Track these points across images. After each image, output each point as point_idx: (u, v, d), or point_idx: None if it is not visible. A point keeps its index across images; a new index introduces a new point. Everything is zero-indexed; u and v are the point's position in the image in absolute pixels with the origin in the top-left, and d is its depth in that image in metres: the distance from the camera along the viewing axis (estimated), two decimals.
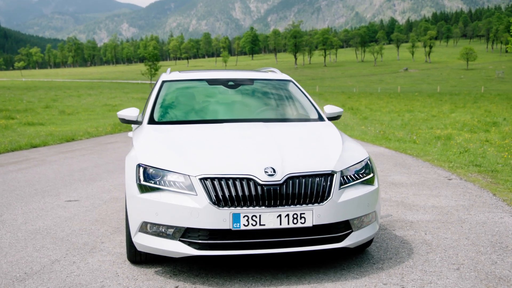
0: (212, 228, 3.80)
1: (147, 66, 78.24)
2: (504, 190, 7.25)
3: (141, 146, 4.45)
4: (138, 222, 4.05)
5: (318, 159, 4.10)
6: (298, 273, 4.15)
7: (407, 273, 4.11)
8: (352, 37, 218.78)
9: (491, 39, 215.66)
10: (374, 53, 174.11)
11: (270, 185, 3.83)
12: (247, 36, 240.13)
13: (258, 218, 3.79)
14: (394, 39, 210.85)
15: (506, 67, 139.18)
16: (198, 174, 3.88)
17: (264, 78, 5.83)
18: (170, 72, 5.86)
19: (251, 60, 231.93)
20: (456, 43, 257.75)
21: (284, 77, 5.91)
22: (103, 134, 17.07)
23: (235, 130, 4.69)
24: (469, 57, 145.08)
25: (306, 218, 3.84)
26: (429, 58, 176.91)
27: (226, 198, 3.80)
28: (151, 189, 4.01)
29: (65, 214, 6.28)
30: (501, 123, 19.38)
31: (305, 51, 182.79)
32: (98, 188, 7.86)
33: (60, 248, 4.95)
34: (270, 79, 5.84)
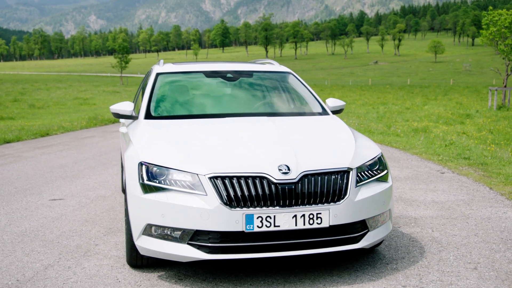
0: (223, 230, 3.56)
1: (117, 58, 76.92)
2: (499, 184, 7.18)
3: (141, 143, 4.16)
4: (142, 224, 3.78)
5: (333, 156, 3.89)
6: (311, 276, 3.95)
7: (424, 273, 3.94)
8: (323, 30, 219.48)
9: (458, 33, 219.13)
10: (345, 46, 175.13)
11: (284, 183, 3.60)
12: (217, 28, 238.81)
13: (273, 219, 3.57)
14: (363, 32, 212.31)
15: (472, 60, 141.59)
16: (208, 172, 3.63)
17: (263, 70, 5.59)
18: (164, 64, 5.57)
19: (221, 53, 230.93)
20: (424, 36, 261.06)
21: (283, 69, 5.68)
22: (79, 128, 16.59)
23: (240, 125, 4.44)
24: (437, 50, 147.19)
25: (323, 218, 3.63)
26: (398, 51, 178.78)
27: (238, 198, 3.56)
28: (156, 189, 3.74)
29: (52, 214, 5.95)
30: (474, 115, 19.54)
31: (276, 43, 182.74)
32: (82, 185, 7.53)
33: (51, 252, 4.64)
34: (269, 71, 5.60)
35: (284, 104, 5.28)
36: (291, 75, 5.58)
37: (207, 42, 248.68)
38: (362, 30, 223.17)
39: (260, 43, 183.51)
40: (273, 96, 5.37)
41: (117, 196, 6.84)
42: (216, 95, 5.26)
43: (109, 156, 10.45)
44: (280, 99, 5.34)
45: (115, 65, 75.93)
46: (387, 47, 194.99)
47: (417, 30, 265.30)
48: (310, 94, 5.32)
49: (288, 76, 5.58)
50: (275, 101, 5.31)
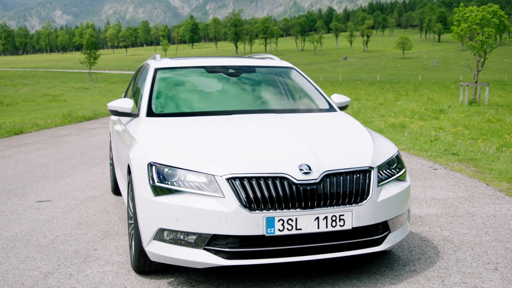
0: (243, 234, 3.37)
1: (86, 54, 75.57)
2: (494, 180, 7.15)
3: (147, 142, 3.93)
4: (153, 229, 3.56)
5: (353, 154, 3.74)
6: (329, 280, 3.79)
7: (445, 275, 3.82)
8: (292, 26, 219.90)
9: (425, 29, 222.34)
10: (314, 42, 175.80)
11: (306, 184, 3.43)
12: (186, 24, 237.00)
13: (294, 222, 3.39)
14: (332, 28, 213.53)
15: (439, 56, 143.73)
16: (225, 173, 3.43)
17: (265, 65, 5.40)
18: (161, 59, 5.32)
19: (191, 49, 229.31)
20: (392, 32, 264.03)
21: (285, 64, 5.50)
22: (53, 126, 16.10)
23: (250, 122, 4.25)
24: (405, 46, 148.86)
25: (346, 220, 3.47)
26: (367, 47, 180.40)
27: (258, 201, 3.37)
28: (168, 191, 3.52)
29: (41, 217, 5.66)
30: (447, 111, 19.72)
31: (245, 39, 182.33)
32: (68, 186, 7.22)
33: (49, 258, 4.38)
34: (271, 66, 5.41)
35: (289, 100, 5.10)
36: (293, 70, 5.40)
37: (176, 38, 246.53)
38: (331, 27, 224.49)
39: (230, 39, 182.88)
40: (277, 92, 5.19)
41: (107, 197, 6.57)
42: (219, 91, 5.04)
43: (91, 154, 10.11)
44: (285, 95, 5.16)
45: (83, 61, 74.61)
46: (355, 43, 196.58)
47: (385, 27, 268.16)
48: (315, 89, 5.15)
49: (291, 71, 5.40)
50: (280, 97, 5.13)
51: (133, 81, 6.41)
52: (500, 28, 31.68)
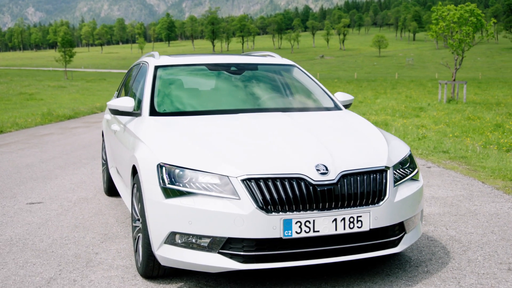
0: (260, 237, 3.26)
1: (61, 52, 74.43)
2: (489, 178, 7.16)
3: (155, 142, 3.79)
4: (165, 232, 3.43)
5: (368, 154, 3.66)
6: (343, 282, 3.70)
7: (460, 276, 3.77)
8: (269, 24, 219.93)
9: (400, 28, 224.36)
10: (291, 40, 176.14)
11: (323, 185, 3.34)
12: (163, 22, 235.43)
13: (312, 224, 3.30)
14: (309, 26, 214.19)
15: (414, 54, 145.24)
16: (240, 174, 3.32)
17: (267, 63, 5.29)
18: (160, 57, 5.18)
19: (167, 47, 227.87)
20: (368, 31, 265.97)
21: (287, 61, 5.40)
22: (33, 125, 15.75)
23: (259, 121, 4.14)
24: (381, 44, 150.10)
25: (363, 221, 3.39)
26: (343, 46, 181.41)
27: (275, 202, 3.27)
28: (180, 194, 3.40)
29: (35, 219, 5.48)
30: (427, 108, 19.87)
31: (222, 37, 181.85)
32: (57, 187, 7.02)
33: (49, 263, 4.21)
34: (273, 64, 5.30)
35: (294, 98, 5.01)
36: (295, 68, 5.31)
37: (152, 35, 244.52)
38: (307, 25, 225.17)
39: (207, 37, 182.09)
40: (281, 90, 5.09)
41: (100, 198, 6.40)
42: (222, 90, 4.91)
43: (77, 154, 9.89)
44: (289, 93, 5.07)
45: (59, 59, 73.42)
46: (332, 42, 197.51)
47: (361, 25, 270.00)
48: (319, 87, 5.07)
49: (293, 68, 5.31)
50: (284, 95, 5.03)
51: (127, 79, 6.25)
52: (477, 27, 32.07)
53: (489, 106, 20.88)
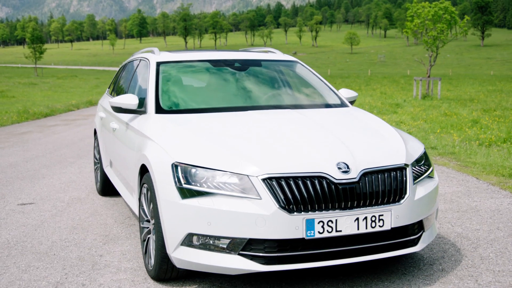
0: (282, 238, 3.19)
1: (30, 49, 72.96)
2: (481, 173, 7.21)
3: (167, 140, 3.67)
4: (182, 234, 3.33)
5: (387, 151, 3.61)
6: (361, 282, 3.65)
7: (476, 274, 3.75)
8: (241, 21, 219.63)
9: (371, 25, 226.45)
10: (264, 37, 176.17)
11: (346, 183, 3.27)
12: (134, 18, 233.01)
13: (334, 223, 3.24)
14: (282, 23, 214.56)
15: (386, 51, 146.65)
16: (261, 173, 3.23)
17: (270, 59, 5.20)
18: (160, 53, 5.04)
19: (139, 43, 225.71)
20: (339, 28, 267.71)
21: (289, 57, 5.32)
22: (9, 123, 15.35)
23: (271, 119, 4.05)
24: (353, 41, 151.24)
25: (385, 220, 3.34)
26: (316, 42, 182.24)
27: (298, 202, 3.19)
28: (198, 194, 3.29)
29: (29, 221, 5.30)
30: (403, 105, 20.06)
31: (195, 34, 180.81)
32: (47, 187, 6.82)
33: (53, 267, 4.07)
34: (276, 60, 5.22)
35: (301, 95, 4.93)
36: (299, 64, 5.24)
37: (123, 32, 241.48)
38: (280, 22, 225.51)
39: (179, 34, 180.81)
40: (287, 86, 5.01)
41: (94, 198, 6.23)
42: (229, 86, 4.79)
43: (61, 153, 9.65)
44: (295, 90, 5.00)
45: (28, 56, 71.97)
46: (305, 39, 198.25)
47: (333, 22, 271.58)
48: (323, 83, 5.01)
49: (296, 64, 5.23)
50: (291, 92, 4.95)
51: (121, 76, 6.09)
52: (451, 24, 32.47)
53: (463, 102, 21.17)
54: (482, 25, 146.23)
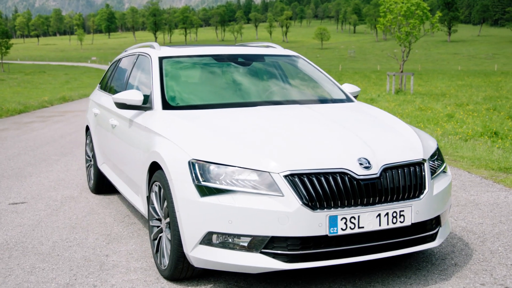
0: (305, 235, 3.14)
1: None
2: (471, 167, 7.30)
3: (181, 137, 3.59)
4: (201, 232, 3.26)
5: (404, 146, 3.59)
6: (378, 279, 3.64)
7: (490, 268, 3.77)
8: (211, 16, 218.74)
9: (341, 20, 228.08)
10: (234, 33, 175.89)
11: (367, 179, 3.25)
12: (102, 13, 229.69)
13: (357, 220, 3.21)
14: (252, 18, 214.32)
15: (355, 46, 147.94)
16: (282, 170, 3.18)
17: (273, 54, 5.14)
18: (161, 48, 4.93)
19: (108, 38, 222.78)
20: (309, 23, 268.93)
21: (291, 53, 5.27)
22: None
23: (282, 114, 4.00)
24: (323, 37, 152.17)
25: (405, 215, 3.33)
26: (286, 38, 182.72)
27: (321, 199, 3.16)
28: (217, 191, 3.23)
29: (25, 221, 5.15)
30: (377, 99, 20.25)
31: (165, 29, 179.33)
32: (36, 185, 6.64)
33: (59, 268, 3.95)
34: (279, 55, 5.16)
35: (306, 90, 4.89)
36: (301, 59, 5.19)
37: (91, 27, 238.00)
38: (250, 17, 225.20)
39: (149, 29, 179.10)
40: (292, 81, 4.97)
41: (88, 196, 6.09)
42: (235, 82, 4.71)
43: (43, 150, 9.42)
44: (300, 85, 4.96)
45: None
46: (275, 34, 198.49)
47: (303, 18, 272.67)
48: (327, 78, 4.98)
49: (298, 59, 5.19)
50: (296, 87, 4.91)
51: (115, 71, 5.95)
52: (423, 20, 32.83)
53: (435, 97, 21.48)
54: (448, 21, 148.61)
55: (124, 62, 5.64)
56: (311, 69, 5.08)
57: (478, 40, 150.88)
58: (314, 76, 5.01)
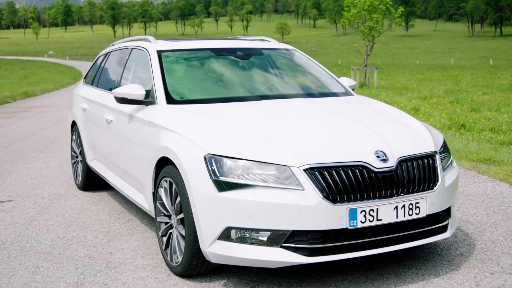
0: (326, 229, 3.15)
1: None
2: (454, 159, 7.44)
3: (193, 132, 3.53)
4: (219, 228, 3.22)
5: (415, 139, 3.64)
6: (390, 270, 3.68)
7: (495, 257, 3.86)
8: (171, 10, 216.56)
9: (301, 15, 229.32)
10: (195, 26, 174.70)
11: (385, 172, 3.28)
12: (58, 6, 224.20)
13: (375, 212, 3.24)
14: (212, 12, 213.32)
15: (316, 41, 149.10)
16: (302, 164, 3.18)
17: (271, 47, 5.12)
18: (157, 41, 4.84)
19: (64, 32, 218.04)
20: (270, 18, 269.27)
21: (287, 46, 5.26)
22: None
23: (290, 108, 3.98)
24: (284, 31, 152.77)
25: (421, 207, 3.37)
26: (247, 32, 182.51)
27: (341, 192, 3.17)
28: (236, 186, 3.20)
29: (16, 219, 5.00)
30: None
31: (124, 23, 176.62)
32: (19, 183, 6.45)
33: (64, 267, 3.85)
34: (276, 49, 5.14)
35: (306, 83, 4.88)
36: (297, 52, 5.19)
37: (47, 20, 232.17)
38: (211, 11, 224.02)
39: (107, 23, 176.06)
40: (291, 75, 4.96)
41: (76, 193, 5.95)
42: (235, 75, 4.66)
43: (17, 147, 9.14)
44: (300, 78, 4.95)
45: None
46: (236, 28, 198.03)
47: (263, 12, 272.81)
48: (325, 72, 5.00)
49: (295, 53, 5.19)
50: (296, 80, 4.90)
51: (102, 66, 5.82)
52: (386, 15, 33.26)
53: (398, 90, 21.86)
54: (406, 16, 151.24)
55: (115, 57, 5.52)
56: (308, 62, 5.09)
57: (434, 35, 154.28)
58: (312, 69, 5.02)
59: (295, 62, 5.11)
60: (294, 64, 5.10)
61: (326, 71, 5.01)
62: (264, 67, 4.86)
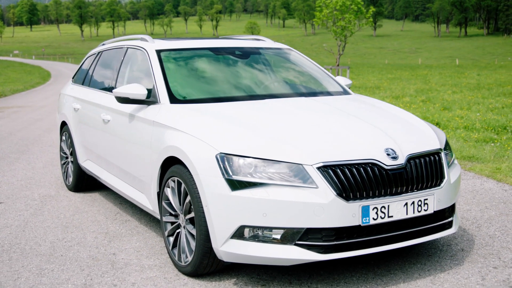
0: (339, 226, 3.19)
1: None
2: None
3: (203, 131, 3.52)
4: (233, 226, 3.23)
5: (420, 136, 3.71)
6: (396, 266, 3.75)
7: (495, 252, 3.96)
8: (140, 9, 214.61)
9: (270, 15, 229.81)
10: (164, 26, 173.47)
11: (395, 169, 3.33)
12: (23, 5, 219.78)
13: (387, 209, 3.29)
14: (181, 12, 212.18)
15: (285, 41, 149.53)
16: (315, 162, 3.21)
17: (268, 47, 5.14)
18: (154, 40, 4.80)
19: (29, 31, 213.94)
20: (239, 17, 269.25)
21: (282, 45, 5.29)
22: None
23: (295, 107, 4.01)
24: (254, 31, 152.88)
25: (429, 204, 3.44)
26: (217, 32, 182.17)
27: (354, 189, 3.21)
28: (249, 185, 3.21)
29: (10, 221, 4.91)
30: None
31: (91, 22, 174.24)
32: (6, 185, 6.33)
33: (69, 268, 3.80)
34: (274, 48, 5.17)
35: (306, 83, 4.91)
36: (293, 52, 5.23)
37: (12, 19, 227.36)
38: (180, 10, 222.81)
39: (74, 22, 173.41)
40: (290, 74, 4.99)
41: (67, 194, 5.87)
42: (236, 75, 4.66)
43: None
44: (299, 78, 4.98)
45: None
46: (205, 28, 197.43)
47: (232, 11, 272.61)
48: (322, 71, 5.04)
49: (291, 52, 5.22)
50: (295, 79, 4.93)
51: (94, 65, 5.75)
52: (357, 15, 33.60)
53: (370, 89, 22.13)
54: (374, 16, 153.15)
55: (108, 56, 5.46)
56: (304, 62, 5.13)
57: (402, 35, 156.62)
58: (309, 68, 5.06)
59: (292, 61, 5.15)
60: (292, 63, 5.13)
61: (323, 70, 5.05)
62: (263, 66, 4.88)
